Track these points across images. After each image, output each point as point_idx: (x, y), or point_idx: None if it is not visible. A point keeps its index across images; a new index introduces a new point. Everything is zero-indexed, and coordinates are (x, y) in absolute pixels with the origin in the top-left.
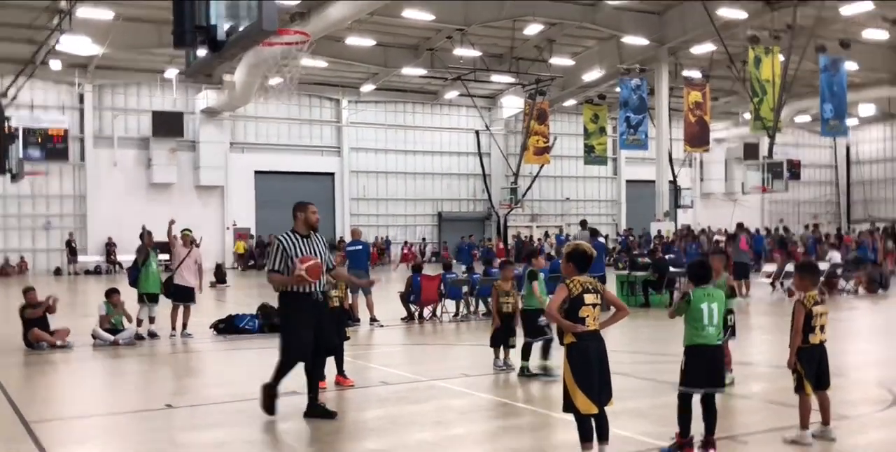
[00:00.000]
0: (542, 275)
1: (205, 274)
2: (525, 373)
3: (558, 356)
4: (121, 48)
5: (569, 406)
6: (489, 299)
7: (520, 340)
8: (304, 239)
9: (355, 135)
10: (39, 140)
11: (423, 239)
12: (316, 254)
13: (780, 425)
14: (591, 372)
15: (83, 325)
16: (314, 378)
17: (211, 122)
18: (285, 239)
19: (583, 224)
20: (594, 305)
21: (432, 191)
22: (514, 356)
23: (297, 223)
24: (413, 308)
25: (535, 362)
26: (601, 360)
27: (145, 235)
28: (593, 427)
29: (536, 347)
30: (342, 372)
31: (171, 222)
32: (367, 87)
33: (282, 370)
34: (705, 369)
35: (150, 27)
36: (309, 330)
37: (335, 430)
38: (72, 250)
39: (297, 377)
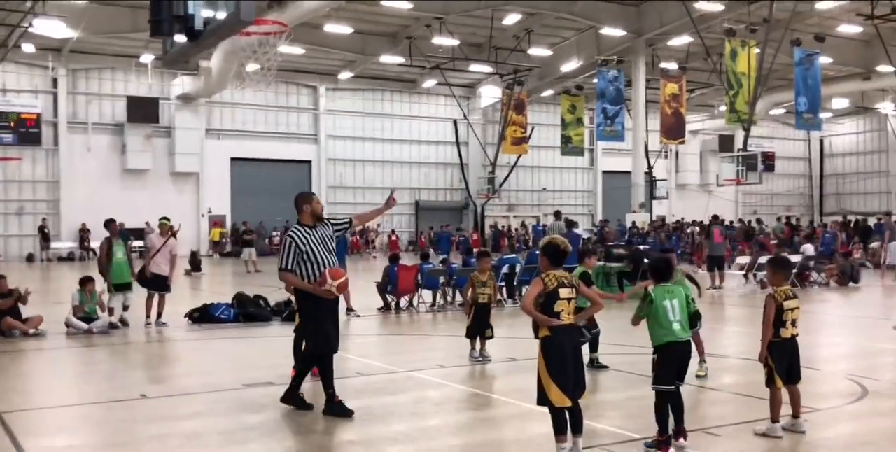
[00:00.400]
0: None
1: (179, 263)
2: (595, 365)
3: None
4: (95, 32)
5: (543, 399)
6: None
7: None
8: (313, 231)
9: (332, 123)
10: (12, 124)
11: (392, 231)
12: (326, 245)
13: (751, 417)
14: (565, 366)
15: (56, 313)
16: (329, 374)
17: (187, 108)
18: (297, 235)
19: (557, 214)
20: (569, 299)
21: (410, 180)
22: (490, 346)
23: (303, 215)
24: (390, 298)
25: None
26: (576, 354)
27: (112, 225)
28: (567, 420)
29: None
30: None
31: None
32: (345, 75)
33: (307, 364)
34: (677, 366)
35: (126, 11)
36: (332, 323)
37: (311, 421)
38: (44, 236)
39: (274, 367)
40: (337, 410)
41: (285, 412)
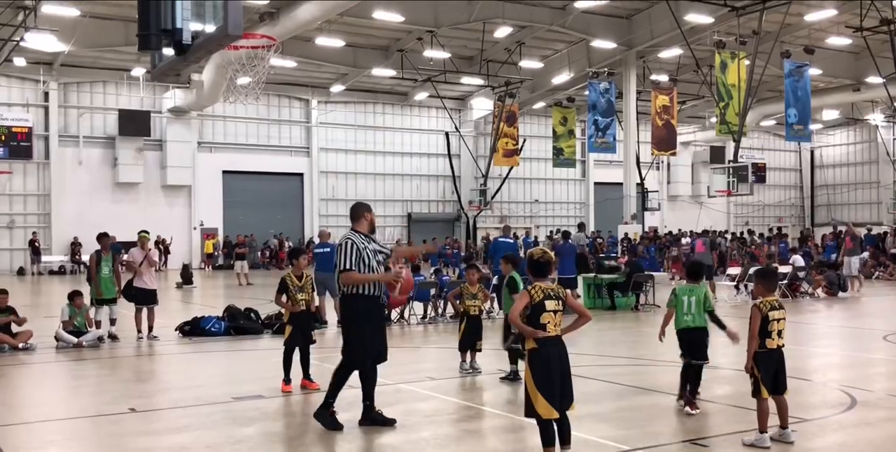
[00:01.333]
0: None
1: (154, 267)
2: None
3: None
4: (87, 46)
5: (530, 411)
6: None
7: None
8: (368, 241)
9: (325, 136)
10: (3, 137)
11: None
12: (376, 256)
13: (740, 428)
14: (552, 378)
15: (46, 326)
16: (369, 384)
17: (178, 121)
18: (356, 239)
19: (580, 226)
20: (555, 311)
21: (402, 192)
22: (481, 358)
23: (360, 223)
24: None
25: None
26: (563, 366)
27: (103, 239)
28: (555, 433)
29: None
30: (308, 376)
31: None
32: (337, 88)
33: (340, 376)
34: (687, 346)
35: (117, 25)
36: (376, 335)
37: (300, 434)
38: (35, 250)
39: (264, 381)
40: (378, 419)
41: (275, 425)
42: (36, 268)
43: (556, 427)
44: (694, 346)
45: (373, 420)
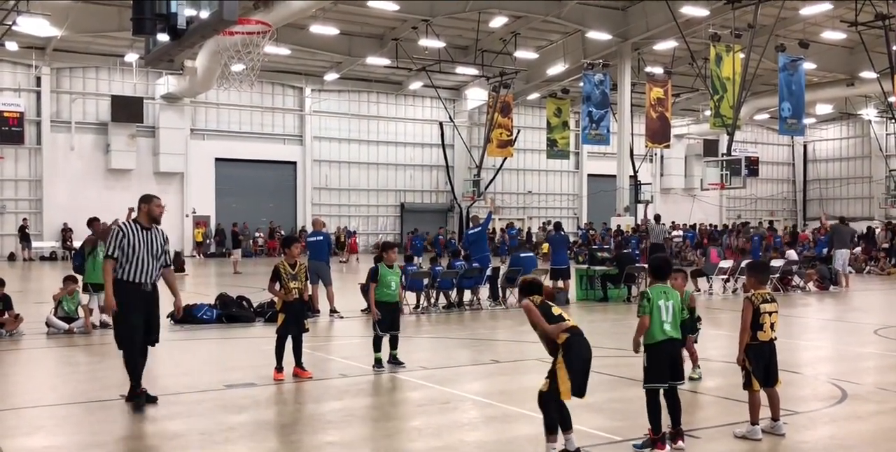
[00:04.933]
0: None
1: None
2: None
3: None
4: (80, 31)
5: (552, 394)
6: (451, 292)
7: None
8: (144, 232)
9: (318, 124)
10: None
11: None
12: (152, 248)
13: (732, 420)
14: (584, 367)
15: (37, 313)
16: (136, 368)
17: (171, 108)
18: (126, 229)
19: (657, 218)
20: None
21: (395, 182)
22: (473, 348)
23: (140, 214)
24: (368, 298)
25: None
26: (590, 357)
27: (94, 224)
28: (558, 421)
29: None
30: (300, 364)
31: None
32: (331, 76)
33: (126, 357)
34: (667, 364)
35: (111, 10)
36: (139, 319)
37: (292, 423)
38: (24, 235)
39: (255, 369)
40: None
41: (267, 413)
42: (27, 254)
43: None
44: (674, 363)
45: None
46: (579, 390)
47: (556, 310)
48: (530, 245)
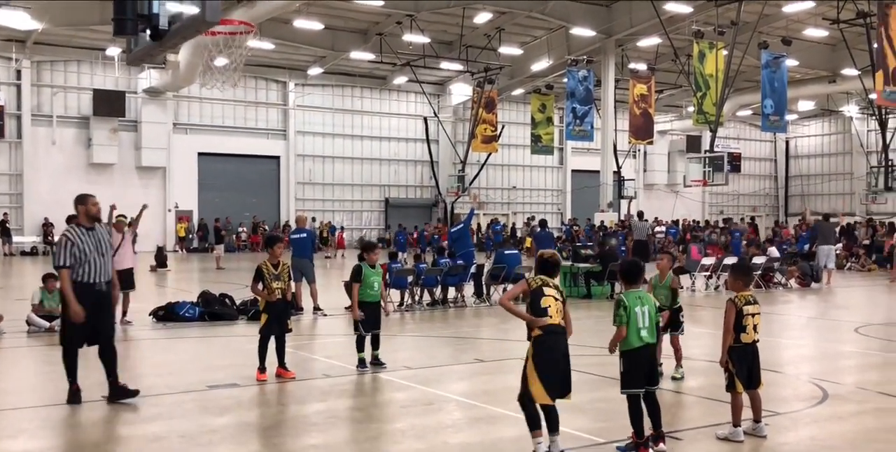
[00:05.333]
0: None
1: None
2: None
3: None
4: (61, 24)
5: (525, 394)
6: (435, 289)
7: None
8: (89, 232)
9: (302, 119)
10: None
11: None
12: (100, 246)
13: (713, 421)
14: (555, 366)
15: (17, 310)
16: (73, 365)
17: (154, 102)
18: (73, 235)
19: (640, 215)
20: (556, 298)
21: (379, 177)
22: (458, 347)
23: (79, 216)
24: (351, 298)
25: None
26: (565, 355)
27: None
28: (540, 415)
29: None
30: (283, 365)
31: (113, 207)
32: (315, 71)
33: (65, 356)
34: (644, 370)
35: (92, 3)
36: (87, 319)
37: (275, 424)
38: (5, 230)
39: (238, 368)
40: (120, 393)
41: (249, 415)
42: (7, 249)
43: (544, 416)
44: (651, 367)
45: (116, 394)
46: (560, 392)
47: (546, 302)
48: (515, 241)
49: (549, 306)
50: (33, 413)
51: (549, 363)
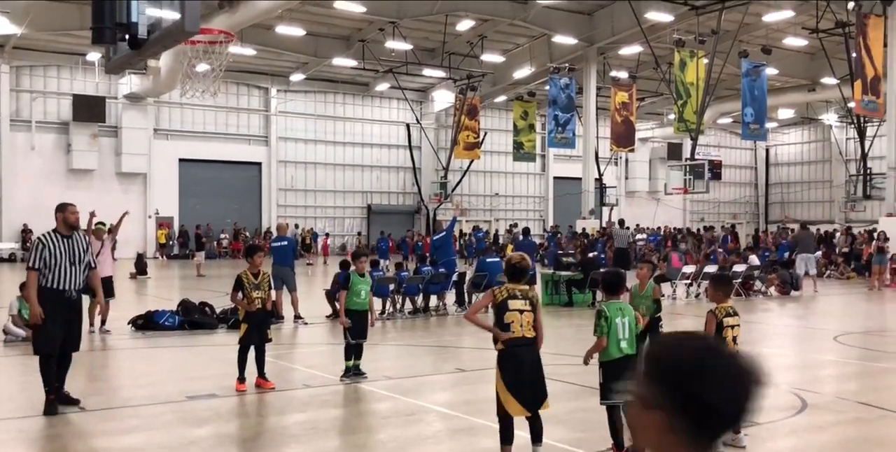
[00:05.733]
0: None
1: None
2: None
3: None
4: (40, 28)
5: (501, 410)
6: (417, 297)
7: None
8: (65, 240)
9: (284, 125)
10: None
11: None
12: (74, 255)
13: None
14: (522, 379)
15: None
16: (63, 369)
17: (134, 108)
18: (46, 240)
19: (621, 223)
20: (521, 311)
21: (361, 184)
22: (439, 357)
23: (57, 223)
24: (338, 305)
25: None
26: (534, 365)
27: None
28: (513, 431)
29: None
30: (263, 374)
31: (92, 214)
32: (297, 77)
33: (42, 364)
34: (624, 380)
35: (71, 7)
36: (60, 325)
37: (255, 436)
38: None
39: (218, 378)
40: (60, 402)
41: (228, 426)
42: None
43: (528, 425)
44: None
45: (61, 400)
46: (533, 403)
47: (509, 317)
48: (497, 249)
49: (513, 321)
50: (8, 424)
51: (516, 376)
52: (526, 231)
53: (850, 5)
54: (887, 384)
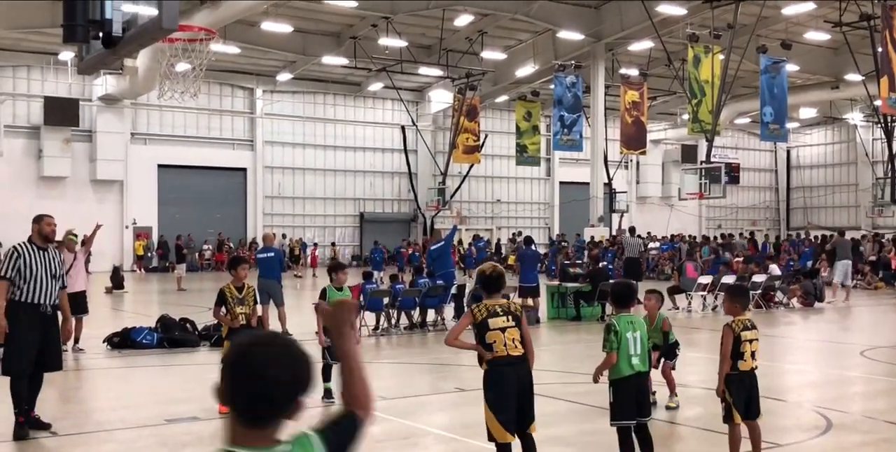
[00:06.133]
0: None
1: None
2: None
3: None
4: (9, 27)
5: (489, 433)
6: (413, 312)
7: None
8: (41, 252)
9: (270, 128)
10: None
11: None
12: (50, 268)
13: None
14: (506, 400)
15: None
16: (33, 390)
17: (110, 110)
18: (22, 250)
19: (631, 230)
20: (503, 329)
21: (354, 190)
22: (437, 375)
23: (32, 234)
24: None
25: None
26: (521, 386)
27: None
28: None
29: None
30: None
31: (98, 226)
32: (284, 76)
33: (12, 386)
34: (635, 400)
35: (43, 5)
36: (31, 342)
37: None
38: None
39: (199, 400)
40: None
41: (210, 451)
42: None
43: (521, 448)
44: (643, 397)
45: (31, 424)
46: (517, 426)
47: (491, 337)
48: (498, 259)
49: (495, 341)
50: None
51: (500, 397)
52: (528, 240)
53: None
54: None
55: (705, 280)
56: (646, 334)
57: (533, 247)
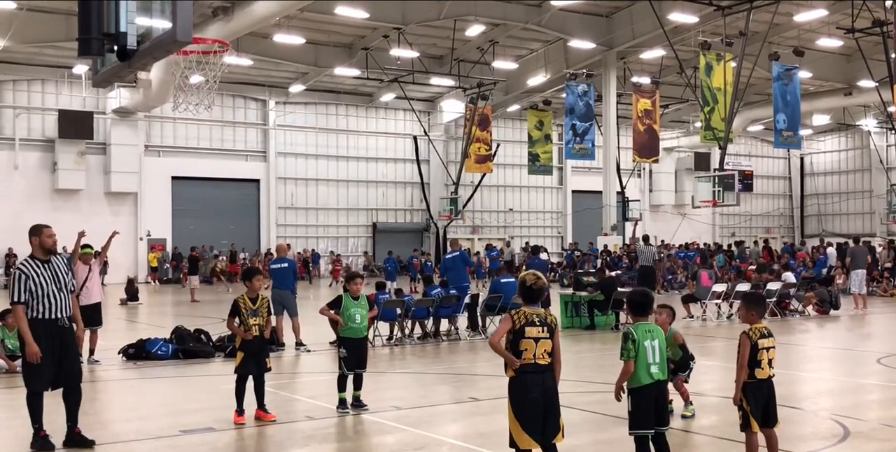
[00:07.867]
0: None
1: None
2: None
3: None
4: (24, 41)
5: (511, 440)
6: (426, 321)
7: None
8: (45, 265)
9: (283, 139)
10: None
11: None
12: (58, 280)
13: None
14: (531, 407)
15: None
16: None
17: (124, 123)
18: (28, 266)
19: (645, 239)
20: (537, 339)
21: (366, 201)
22: (452, 385)
23: (33, 249)
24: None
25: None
26: (546, 395)
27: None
28: None
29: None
30: (263, 406)
31: (81, 234)
32: (297, 88)
33: (30, 401)
34: (654, 409)
35: (57, 19)
36: (55, 359)
37: None
38: None
39: (214, 411)
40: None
41: None
42: None
43: None
44: (661, 407)
45: (72, 440)
46: (542, 434)
47: (524, 345)
48: (512, 268)
49: (527, 349)
50: None
51: (526, 404)
52: (535, 249)
53: (888, 3)
54: None
55: (720, 288)
56: (664, 342)
57: (541, 256)
